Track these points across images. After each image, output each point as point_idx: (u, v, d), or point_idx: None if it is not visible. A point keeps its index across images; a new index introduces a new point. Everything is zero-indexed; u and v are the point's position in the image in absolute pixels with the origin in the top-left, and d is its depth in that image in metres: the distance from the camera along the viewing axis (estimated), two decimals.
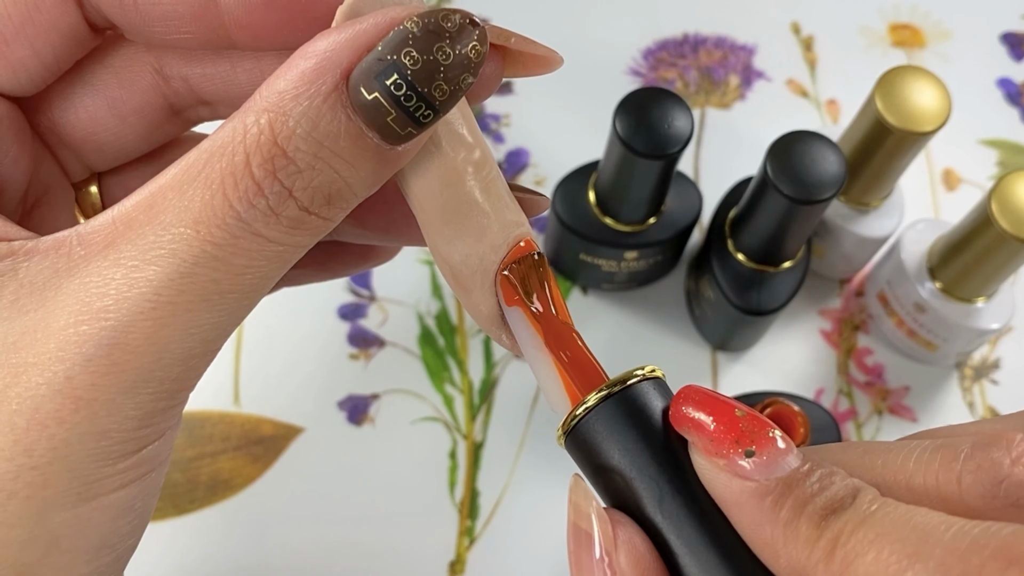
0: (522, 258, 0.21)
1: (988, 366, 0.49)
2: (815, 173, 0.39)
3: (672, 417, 0.19)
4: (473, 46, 0.18)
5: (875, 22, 0.58)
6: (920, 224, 0.47)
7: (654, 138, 0.39)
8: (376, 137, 0.19)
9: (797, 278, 0.44)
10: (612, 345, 0.48)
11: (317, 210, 0.19)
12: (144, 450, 0.20)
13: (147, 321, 0.18)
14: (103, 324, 0.18)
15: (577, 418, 0.20)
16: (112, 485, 0.19)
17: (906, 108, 0.40)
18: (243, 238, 0.18)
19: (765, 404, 0.38)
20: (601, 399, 0.20)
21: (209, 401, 0.45)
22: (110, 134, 0.24)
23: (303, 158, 0.18)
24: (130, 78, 0.24)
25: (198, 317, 0.19)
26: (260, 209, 0.18)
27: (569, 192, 0.45)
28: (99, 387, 0.18)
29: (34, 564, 0.19)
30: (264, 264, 0.19)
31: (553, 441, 0.46)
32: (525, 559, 0.43)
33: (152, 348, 0.18)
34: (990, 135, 0.55)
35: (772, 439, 0.18)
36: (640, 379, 0.20)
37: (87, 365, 0.18)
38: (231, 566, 0.42)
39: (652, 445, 0.19)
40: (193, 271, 0.18)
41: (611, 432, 0.20)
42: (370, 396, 0.46)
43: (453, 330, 0.48)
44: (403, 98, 0.18)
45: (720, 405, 0.19)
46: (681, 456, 0.19)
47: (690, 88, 0.55)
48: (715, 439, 0.18)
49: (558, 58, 0.22)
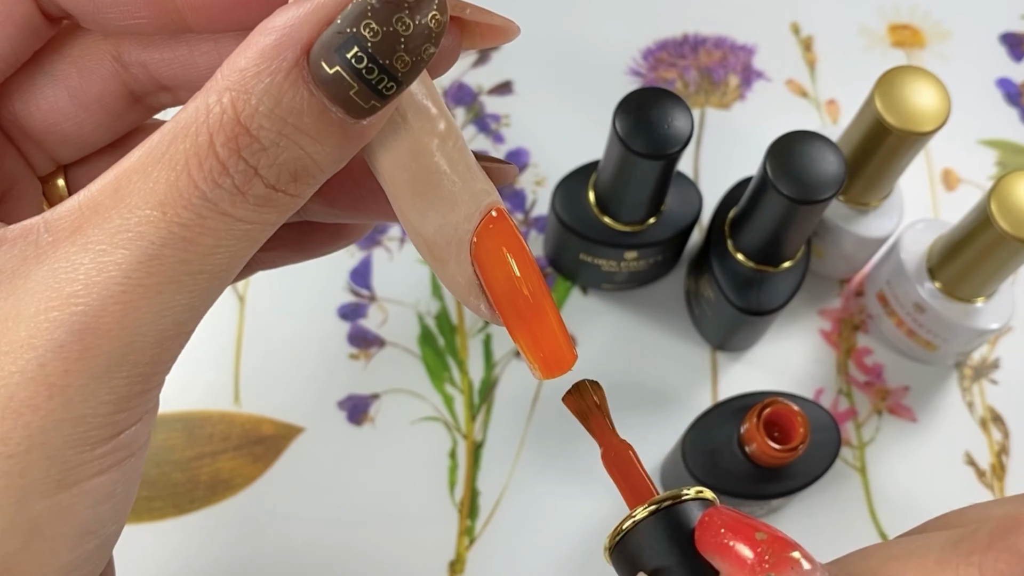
0: (581, 391, 0.23)
1: (988, 366, 0.49)
2: (815, 173, 0.39)
3: (697, 543, 0.20)
4: (433, 15, 0.18)
5: (875, 22, 0.58)
6: (920, 224, 0.47)
7: (654, 138, 0.39)
8: (340, 112, 0.19)
9: (797, 278, 0.44)
10: (612, 345, 0.48)
11: (284, 187, 0.19)
12: (122, 435, 0.20)
13: (118, 305, 0.18)
14: (73, 309, 0.18)
15: (622, 532, 0.21)
16: (91, 471, 0.19)
17: (906, 108, 0.40)
18: (210, 218, 0.18)
19: (765, 404, 0.38)
20: (650, 513, 0.21)
21: (209, 401, 0.45)
22: (72, 124, 0.24)
23: (267, 136, 0.18)
24: (89, 67, 0.23)
25: (169, 299, 0.19)
26: (226, 188, 0.18)
27: (569, 192, 0.45)
28: (72, 373, 0.18)
29: (16, 553, 0.19)
30: (233, 243, 0.19)
31: (553, 441, 0.46)
32: (525, 559, 0.43)
33: (124, 332, 0.18)
34: (989, 135, 0.55)
35: (795, 561, 0.18)
36: (688, 499, 0.21)
37: (59, 351, 0.18)
38: (231, 566, 0.42)
39: (687, 563, 0.20)
40: (161, 252, 0.18)
41: (652, 545, 0.21)
42: (370, 396, 0.46)
43: (453, 330, 0.48)
44: (364, 71, 0.18)
45: (742, 528, 0.19)
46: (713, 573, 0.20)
47: (690, 88, 0.55)
48: (737, 566, 0.19)
49: (514, 27, 0.21)
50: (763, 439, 0.37)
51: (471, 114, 0.53)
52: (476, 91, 0.54)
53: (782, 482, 0.40)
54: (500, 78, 0.54)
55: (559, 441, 0.45)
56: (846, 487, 0.46)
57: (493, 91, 0.54)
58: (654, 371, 0.48)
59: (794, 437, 0.37)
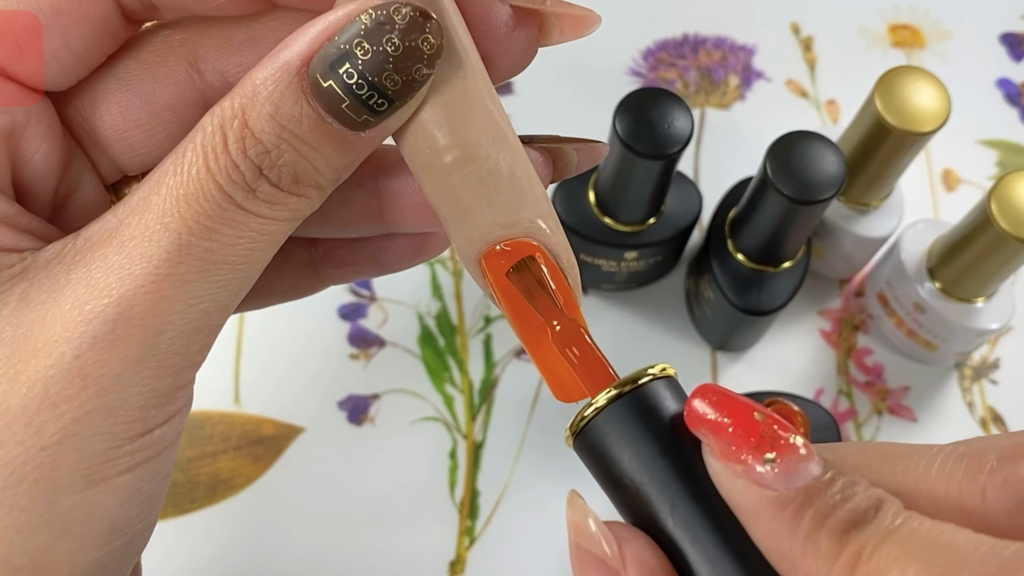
0: (518, 263, 0.21)
1: (988, 366, 0.49)
2: (815, 173, 0.39)
3: (687, 417, 0.19)
4: (425, 39, 0.19)
5: (875, 22, 0.58)
6: (920, 224, 0.47)
7: (654, 138, 0.39)
8: (335, 123, 0.19)
9: (797, 278, 0.44)
10: (612, 345, 0.48)
11: (288, 188, 0.20)
12: (151, 433, 0.20)
13: (148, 294, 0.19)
14: (106, 302, 0.19)
15: (585, 419, 0.20)
16: (119, 467, 0.20)
17: (906, 108, 0.40)
18: (228, 210, 0.19)
19: (765, 404, 0.38)
20: (611, 399, 0.19)
21: (209, 401, 0.45)
22: (143, 132, 0.24)
23: (268, 139, 0.19)
24: (164, 72, 0.24)
25: (197, 288, 0.19)
26: (239, 184, 0.19)
27: (569, 192, 0.45)
28: (104, 363, 0.19)
29: (46, 549, 0.19)
30: (252, 236, 0.20)
31: (553, 441, 0.46)
32: (525, 559, 0.43)
33: (155, 320, 0.19)
34: (989, 135, 0.55)
35: (793, 445, 0.17)
36: (652, 378, 0.20)
37: (93, 343, 0.19)
38: (231, 566, 0.42)
39: (663, 448, 0.19)
40: (188, 242, 0.19)
41: (620, 434, 0.19)
42: (370, 396, 0.46)
43: (453, 330, 0.48)
44: (355, 87, 0.19)
45: (738, 406, 0.18)
46: (694, 460, 0.18)
47: (690, 88, 0.55)
48: (733, 443, 0.18)
49: (595, 16, 0.22)
50: None
51: None
52: None
53: None
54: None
55: (559, 441, 0.45)
56: None
57: None
58: None
59: None
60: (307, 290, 0.29)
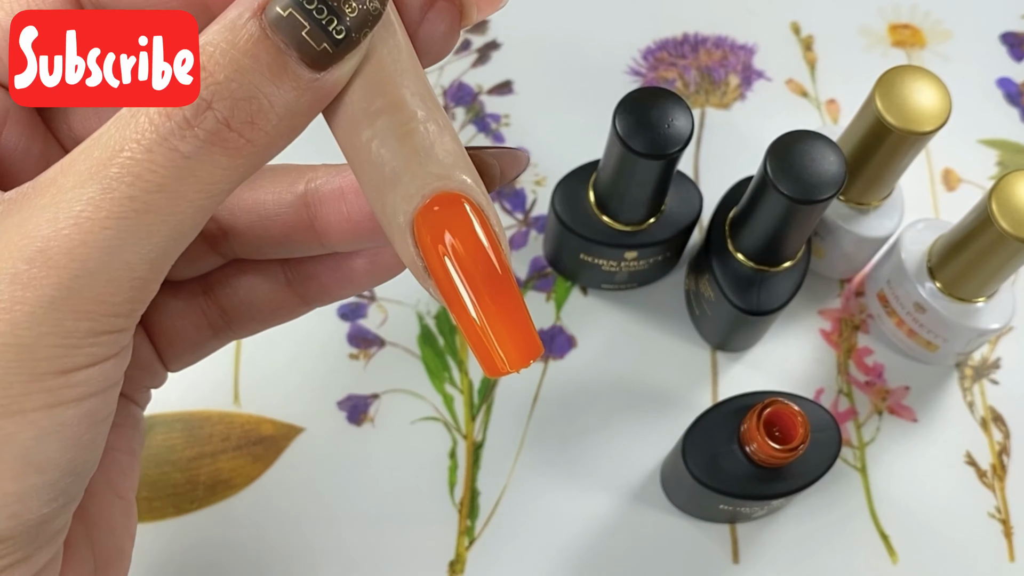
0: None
1: (988, 366, 0.49)
2: (815, 173, 0.39)
3: None
4: None
5: (875, 22, 0.58)
6: (920, 224, 0.47)
7: (654, 138, 0.39)
8: (295, 56, 0.19)
9: (797, 278, 0.44)
10: (612, 345, 0.48)
11: (238, 127, 0.19)
12: (74, 373, 0.20)
13: (67, 238, 0.19)
14: (28, 242, 0.19)
15: None
16: (36, 403, 0.20)
17: (906, 108, 0.40)
18: (158, 152, 0.19)
19: (765, 404, 0.38)
20: None
21: (209, 401, 0.45)
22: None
23: (222, 70, 0.19)
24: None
25: (116, 235, 0.19)
26: (176, 121, 0.19)
27: (569, 192, 0.45)
28: (20, 299, 0.19)
29: None
30: (178, 183, 0.19)
31: (553, 441, 0.46)
32: (525, 559, 0.43)
33: (72, 263, 0.19)
34: (990, 135, 0.55)
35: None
36: None
37: (12, 279, 0.19)
38: (231, 566, 0.42)
39: None
40: (112, 187, 0.19)
41: None
42: (370, 396, 0.46)
43: (453, 330, 0.48)
44: (315, 11, 0.19)
45: None
46: None
47: (690, 88, 0.55)
48: None
49: None
50: (763, 439, 0.37)
51: (471, 114, 0.53)
52: (476, 91, 0.54)
53: (782, 482, 0.40)
54: (500, 78, 0.54)
55: (559, 441, 0.45)
56: (847, 487, 0.46)
57: (493, 91, 0.54)
58: (654, 371, 0.47)
59: (794, 437, 0.37)
60: (292, 312, 0.30)
